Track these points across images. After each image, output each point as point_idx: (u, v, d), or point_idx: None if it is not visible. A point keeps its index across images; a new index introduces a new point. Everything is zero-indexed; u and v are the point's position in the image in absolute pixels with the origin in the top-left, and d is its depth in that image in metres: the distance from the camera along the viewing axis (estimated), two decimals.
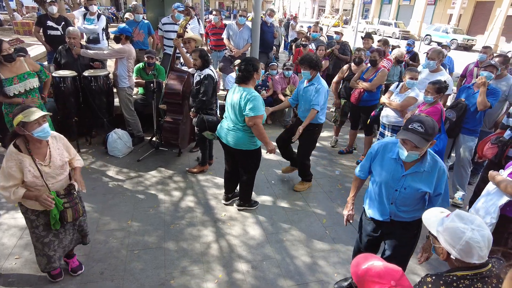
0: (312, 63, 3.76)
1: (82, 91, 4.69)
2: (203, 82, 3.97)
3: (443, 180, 2.09)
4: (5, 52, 3.44)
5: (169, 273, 2.85)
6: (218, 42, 6.93)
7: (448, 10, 28.01)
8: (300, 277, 2.91)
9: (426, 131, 1.90)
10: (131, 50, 4.79)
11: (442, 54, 4.44)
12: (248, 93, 3.18)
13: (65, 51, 4.72)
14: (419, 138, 1.90)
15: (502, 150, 3.22)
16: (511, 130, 3.24)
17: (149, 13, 8.14)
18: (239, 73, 3.30)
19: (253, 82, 3.29)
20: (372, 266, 1.22)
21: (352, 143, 5.38)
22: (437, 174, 2.07)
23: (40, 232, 2.49)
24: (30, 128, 2.24)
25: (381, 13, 35.95)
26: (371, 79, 4.65)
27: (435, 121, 1.99)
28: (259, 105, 3.17)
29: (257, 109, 3.15)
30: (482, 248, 1.29)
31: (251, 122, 3.20)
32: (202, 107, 4.07)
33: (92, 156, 4.73)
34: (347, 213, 2.57)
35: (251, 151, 3.43)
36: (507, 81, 4.12)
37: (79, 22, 6.06)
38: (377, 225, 2.41)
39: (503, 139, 3.26)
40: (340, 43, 6.78)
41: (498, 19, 20.77)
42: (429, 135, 1.91)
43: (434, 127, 1.94)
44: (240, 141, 3.35)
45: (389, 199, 2.23)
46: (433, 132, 1.92)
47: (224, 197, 3.89)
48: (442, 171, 2.08)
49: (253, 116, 3.16)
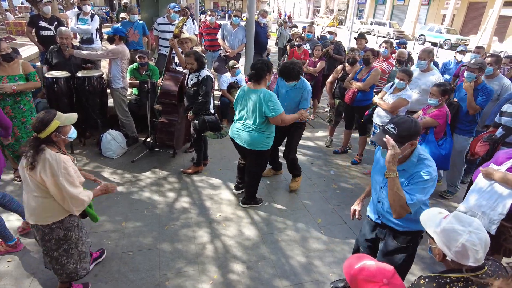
0: (292, 74, 3.65)
1: (76, 92, 4.66)
2: (202, 83, 3.96)
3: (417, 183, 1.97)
4: (4, 51, 3.41)
5: (164, 275, 2.84)
6: (213, 42, 6.92)
7: (442, 10, 28.23)
8: (295, 277, 2.91)
9: (398, 133, 1.89)
10: (125, 51, 4.77)
11: (432, 54, 4.48)
12: (265, 95, 3.32)
13: (56, 51, 4.67)
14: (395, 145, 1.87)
15: (493, 148, 3.26)
16: (503, 128, 3.28)
17: (143, 13, 8.11)
18: (252, 72, 3.40)
19: (264, 82, 3.43)
20: (365, 266, 1.23)
21: (347, 143, 5.40)
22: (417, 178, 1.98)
23: (85, 237, 2.49)
24: (65, 131, 2.24)
25: (376, 13, 36.15)
26: (365, 79, 4.67)
27: (415, 124, 1.93)
28: (278, 103, 3.38)
29: (277, 108, 3.35)
30: (479, 251, 1.28)
31: (278, 121, 3.42)
32: (203, 109, 4.06)
33: (86, 157, 4.70)
34: (353, 208, 2.57)
35: (262, 151, 3.57)
36: (499, 80, 4.16)
37: (72, 22, 6.02)
38: (373, 226, 2.41)
39: (495, 137, 3.30)
40: (334, 43, 6.80)
41: (491, 20, 20.97)
42: (402, 137, 1.89)
43: (409, 129, 1.90)
44: (254, 141, 3.48)
45: (377, 197, 2.25)
46: (407, 135, 1.89)
47: (236, 186, 4.10)
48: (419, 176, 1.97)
49: (277, 116, 3.36)
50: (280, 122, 3.44)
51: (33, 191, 2.18)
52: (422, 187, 1.93)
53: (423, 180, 1.93)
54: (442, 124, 3.68)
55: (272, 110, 3.32)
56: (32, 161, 2.08)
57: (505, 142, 3.25)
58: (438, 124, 3.67)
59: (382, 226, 2.30)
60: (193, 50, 4.23)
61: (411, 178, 1.99)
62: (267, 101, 3.30)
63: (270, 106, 3.31)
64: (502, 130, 3.29)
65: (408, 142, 1.92)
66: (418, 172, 1.96)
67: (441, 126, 3.70)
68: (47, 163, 2.09)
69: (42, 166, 2.09)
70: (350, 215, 2.61)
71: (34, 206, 2.20)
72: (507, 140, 3.24)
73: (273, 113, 3.33)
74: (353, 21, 15.26)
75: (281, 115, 3.37)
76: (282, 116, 3.39)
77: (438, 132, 3.75)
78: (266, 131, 3.48)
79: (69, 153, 4.62)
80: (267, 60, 3.57)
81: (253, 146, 3.49)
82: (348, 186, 4.46)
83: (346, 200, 4.11)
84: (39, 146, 2.12)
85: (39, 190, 2.17)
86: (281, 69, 3.75)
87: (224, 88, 6.04)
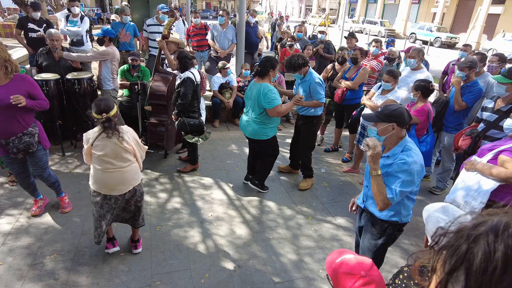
0: (295, 65, 3.85)
1: (66, 94, 4.64)
2: (182, 84, 3.98)
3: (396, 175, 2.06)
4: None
5: (155, 275, 2.86)
6: (200, 42, 6.93)
7: (432, 8, 28.51)
8: (286, 275, 2.95)
9: (381, 111, 2.12)
10: (115, 52, 4.76)
11: (422, 53, 4.55)
12: (264, 88, 3.59)
13: (45, 54, 4.65)
14: (374, 116, 2.17)
15: (475, 141, 3.34)
16: (484, 122, 3.37)
17: (134, 15, 8.09)
18: (258, 68, 3.69)
19: (269, 78, 3.70)
20: (344, 259, 1.27)
21: (337, 141, 5.46)
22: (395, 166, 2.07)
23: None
24: (117, 115, 2.70)
25: (367, 12, 36.36)
26: (353, 78, 4.73)
27: (399, 109, 2.09)
28: (275, 96, 3.60)
29: (273, 100, 3.58)
30: None
31: (273, 113, 3.65)
32: (182, 110, 4.09)
33: (77, 159, 4.69)
34: (353, 200, 2.62)
35: (264, 140, 3.86)
36: (484, 78, 4.25)
37: (61, 24, 6.00)
38: (360, 213, 2.52)
39: (476, 131, 3.39)
40: (324, 42, 6.85)
41: (479, 17, 21.25)
42: (384, 115, 2.10)
43: (391, 110, 2.08)
44: (254, 132, 3.81)
45: (366, 182, 2.36)
46: (388, 114, 2.08)
47: (246, 176, 4.35)
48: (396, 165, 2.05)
49: (272, 108, 3.60)
50: (276, 113, 3.66)
51: (125, 161, 2.66)
52: (398, 177, 2.04)
53: (401, 170, 2.03)
54: (423, 121, 3.75)
55: (268, 102, 3.58)
56: (120, 134, 2.57)
57: (486, 135, 3.34)
58: (420, 121, 3.74)
59: (366, 211, 2.40)
60: (180, 50, 4.24)
61: (391, 166, 2.09)
62: (264, 93, 3.57)
63: (267, 98, 3.57)
64: (483, 124, 3.38)
65: (389, 123, 2.07)
66: (398, 161, 2.06)
67: (422, 123, 3.77)
68: (129, 133, 2.68)
69: (127, 136, 2.63)
70: (340, 212, 2.67)
71: (127, 174, 2.69)
72: (488, 133, 3.33)
73: (268, 105, 3.58)
74: (344, 20, 15.35)
75: (276, 107, 3.60)
76: (277, 108, 3.61)
77: (420, 129, 3.82)
78: (264, 122, 3.74)
79: (60, 155, 4.63)
80: (273, 57, 3.79)
81: (254, 136, 3.84)
82: (338, 184, 4.51)
83: (337, 198, 4.16)
84: (113, 122, 2.56)
85: (130, 156, 2.69)
86: (286, 63, 3.96)
87: (215, 89, 6.06)
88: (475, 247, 0.56)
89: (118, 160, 2.62)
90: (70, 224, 3.39)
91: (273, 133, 3.89)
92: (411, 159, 2.01)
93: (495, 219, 0.59)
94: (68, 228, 3.34)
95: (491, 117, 3.34)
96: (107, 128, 2.52)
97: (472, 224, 0.60)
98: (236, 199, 4.03)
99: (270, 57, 3.76)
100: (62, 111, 4.68)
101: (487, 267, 0.54)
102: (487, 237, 0.56)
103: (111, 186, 2.67)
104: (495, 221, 0.58)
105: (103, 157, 2.58)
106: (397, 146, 2.11)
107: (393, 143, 2.12)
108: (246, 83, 6.37)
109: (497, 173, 2.47)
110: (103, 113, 2.52)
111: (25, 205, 3.63)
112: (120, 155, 2.61)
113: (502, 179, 2.45)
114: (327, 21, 14.60)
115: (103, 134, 2.53)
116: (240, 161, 4.95)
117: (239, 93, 6.26)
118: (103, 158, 2.58)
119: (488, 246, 0.55)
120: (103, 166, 2.61)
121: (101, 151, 2.56)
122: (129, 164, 2.68)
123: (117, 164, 2.62)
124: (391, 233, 2.30)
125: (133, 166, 2.73)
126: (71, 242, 3.15)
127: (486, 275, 0.53)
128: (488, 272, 0.53)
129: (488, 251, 0.54)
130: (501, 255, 0.53)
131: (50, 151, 4.77)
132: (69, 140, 5.05)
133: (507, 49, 17.94)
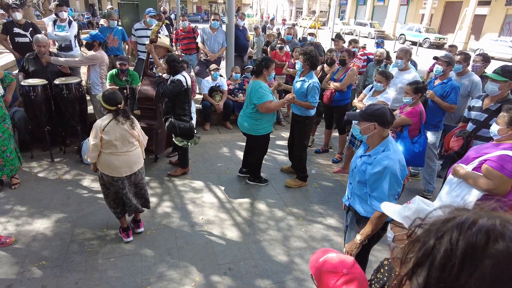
0: (307, 57, 3.92)
1: (54, 100, 4.61)
2: (170, 84, 3.98)
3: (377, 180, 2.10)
4: None
5: (146, 279, 2.84)
6: (188, 45, 6.93)
7: (420, 10, 28.91)
8: (276, 276, 2.96)
9: (364, 111, 2.18)
10: (104, 57, 4.74)
11: (409, 53, 4.61)
12: (256, 85, 3.79)
13: (32, 59, 4.61)
14: (357, 115, 2.22)
15: (467, 141, 3.38)
16: (473, 122, 3.42)
17: (123, 19, 8.06)
18: (253, 67, 3.96)
19: (263, 76, 3.86)
20: (327, 258, 1.28)
21: (328, 142, 5.50)
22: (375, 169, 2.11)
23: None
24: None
25: (357, 14, 36.72)
26: (342, 79, 4.77)
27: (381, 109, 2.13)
28: (264, 92, 3.74)
29: (262, 97, 3.73)
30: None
31: (262, 109, 3.78)
32: (169, 112, 4.10)
33: (66, 165, 4.65)
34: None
35: (256, 136, 4.03)
36: (469, 77, 4.31)
37: (49, 29, 5.94)
38: (346, 211, 2.56)
39: (467, 131, 3.43)
40: (313, 44, 6.90)
41: (466, 19, 21.62)
42: (366, 114, 2.15)
43: (373, 110, 2.13)
44: (247, 127, 4.00)
45: (349, 179, 2.42)
46: (370, 113, 2.13)
47: (240, 169, 4.59)
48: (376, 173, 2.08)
49: (261, 104, 3.75)
50: (265, 109, 3.80)
51: (133, 146, 3.07)
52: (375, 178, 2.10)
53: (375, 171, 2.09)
54: (416, 122, 3.79)
55: (257, 98, 3.75)
56: (132, 122, 3.04)
57: (477, 135, 3.38)
58: (412, 122, 3.78)
59: (351, 209, 2.44)
60: (169, 54, 4.24)
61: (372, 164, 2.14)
62: (255, 90, 3.77)
63: (257, 94, 3.74)
64: (472, 124, 3.42)
65: (371, 122, 2.11)
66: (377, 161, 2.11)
67: (415, 124, 3.81)
68: (135, 121, 3.12)
69: (135, 124, 3.10)
70: (330, 213, 2.70)
71: (134, 157, 3.10)
72: (479, 133, 3.37)
73: (258, 100, 3.75)
74: (334, 22, 15.50)
75: (265, 103, 3.75)
76: (265, 104, 3.76)
77: (413, 130, 3.86)
78: (255, 118, 3.91)
79: (48, 161, 4.59)
80: (268, 57, 3.99)
81: (247, 130, 4.04)
82: (329, 185, 4.54)
83: (327, 198, 4.19)
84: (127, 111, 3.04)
85: (135, 141, 3.10)
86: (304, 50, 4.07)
87: (205, 92, 6.07)
88: (439, 244, 0.56)
89: (125, 144, 3.01)
90: (59, 231, 3.36)
91: (265, 131, 4.02)
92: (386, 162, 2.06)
93: (464, 215, 0.58)
94: (57, 235, 3.31)
95: (481, 116, 3.39)
96: (121, 116, 2.95)
97: (444, 218, 0.60)
98: (227, 202, 4.03)
99: (265, 57, 3.97)
100: (50, 117, 4.64)
101: (446, 264, 0.53)
102: (451, 233, 0.55)
103: (117, 168, 3.00)
104: (463, 217, 0.57)
105: (113, 141, 2.94)
106: (379, 145, 2.15)
107: (376, 143, 2.16)
108: (237, 86, 6.39)
109: (480, 184, 2.42)
110: (118, 105, 2.95)
111: (12, 213, 3.59)
112: (127, 139, 3.01)
113: (484, 190, 2.41)
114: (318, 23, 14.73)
115: (113, 121, 2.93)
116: (231, 163, 4.95)
117: (230, 96, 6.28)
118: (114, 143, 2.94)
119: (450, 244, 0.54)
120: (111, 149, 2.96)
121: (111, 136, 2.92)
122: (134, 149, 3.10)
123: (123, 148, 3.00)
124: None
125: (137, 151, 3.14)
126: (60, 249, 3.12)
127: (445, 273, 0.53)
128: (446, 270, 0.53)
129: (449, 249, 0.54)
130: (460, 253, 0.53)
131: (38, 157, 4.74)
132: (58, 146, 5.00)
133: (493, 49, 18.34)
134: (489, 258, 0.51)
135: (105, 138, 2.91)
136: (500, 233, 0.53)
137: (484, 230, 0.54)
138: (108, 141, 2.92)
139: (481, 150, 2.63)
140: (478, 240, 0.53)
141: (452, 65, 3.97)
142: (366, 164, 2.17)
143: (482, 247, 0.52)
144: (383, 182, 2.06)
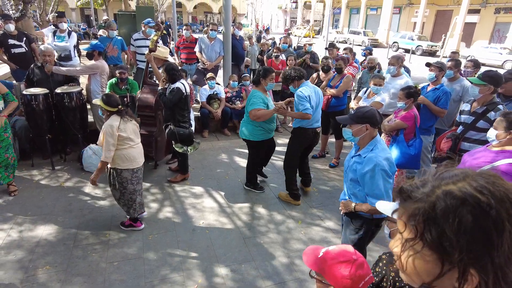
0: (287, 79, 3.93)
1: (55, 108, 4.68)
2: (170, 93, 4.05)
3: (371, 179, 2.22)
4: None
5: (149, 282, 2.89)
6: (189, 55, 7.06)
7: (412, 18, 29.47)
8: (277, 277, 3.02)
9: (354, 113, 2.29)
10: (104, 66, 4.84)
11: (401, 60, 4.76)
12: (251, 93, 4.02)
13: (37, 69, 4.71)
14: (348, 119, 2.33)
15: (455, 143, 3.51)
16: (463, 125, 3.55)
17: (121, 29, 8.20)
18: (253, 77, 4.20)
19: (261, 86, 4.02)
20: (328, 251, 1.31)
21: (324, 147, 5.60)
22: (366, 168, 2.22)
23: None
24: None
25: (351, 23, 37.33)
26: (338, 86, 4.90)
27: (371, 111, 2.24)
28: (255, 101, 3.91)
29: (252, 104, 3.91)
30: None
31: (251, 116, 3.93)
32: (168, 119, 4.20)
33: (67, 173, 4.69)
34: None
35: (251, 141, 4.16)
36: (460, 82, 4.46)
37: (49, 39, 6.05)
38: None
39: (456, 133, 3.57)
40: (310, 53, 7.05)
41: (457, 26, 22.08)
42: (357, 117, 2.26)
43: (363, 112, 2.24)
44: (245, 132, 4.14)
45: (345, 178, 2.52)
46: (361, 115, 2.24)
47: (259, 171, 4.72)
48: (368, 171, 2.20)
49: (250, 110, 3.91)
50: (252, 116, 3.93)
51: (139, 138, 3.43)
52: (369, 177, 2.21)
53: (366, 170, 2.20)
54: (411, 126, 3.91)
55: (249, 105, 3.95)
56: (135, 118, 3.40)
57: (465, 137, 3.51)
58: (407, 126, 3.90)
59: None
60: (167, 62, 4.34)
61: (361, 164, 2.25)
62: (249, 98, 3.98)
63: (249, 101, 3.95)
64: (462, 127, 3.56)
65: (362, 123, 2.22)
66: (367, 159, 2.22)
67: (410, 127, 3.93)
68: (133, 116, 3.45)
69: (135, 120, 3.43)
70: (329, 216, 2.78)
71: (142, 148, 3.48)
72: (466, 135, 3.50)
73: (249, 107, 3.93)
74: (328, 30, 15.78)
75: (253, 110, 3.90)
76: (253, 111, 3.91)
77: (408, 133, 3.97)
78: (253, 123, 4.04)
79: (49, 169, 4.64)
80: (266, 68, 4.15)
81: (244, 135, 4.18)
82: (326, 189, 4.62)
83: (325, 201, 4.27)
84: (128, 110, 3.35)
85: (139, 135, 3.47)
86: (282, 78, 4.07)
87: (203, 100, 6.17)
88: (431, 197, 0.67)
89: (137, 136, 3.38)
90: (62, 237, 3.40)
91: (257, 138, 4.10)
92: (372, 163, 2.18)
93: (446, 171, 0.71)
94: (60, 240, 3.35)
95: (468, 119, 3.52)
96: (125, 114, 3.23)
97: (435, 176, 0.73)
98: (227, 206, 4.10)
99: (264, 68, 4.14)
100: (51, 125, 4.70)
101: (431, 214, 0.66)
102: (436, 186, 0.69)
103: (136, 159, 3.33)
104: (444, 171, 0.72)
105: (129, 136, 3.24)
106: (368, 145, 2.28)
107: (366, 142, 2.29)
108: (235, 94, 6.50)
109: None
110: (118, 106, 3.19)
111: (15, 219, 3.63)
112: (137, 132, 3.39)
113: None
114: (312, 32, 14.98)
115: (122, 120, 3.19)
116: (230, 169, 5.03)
117: (228, 103, 6.38)
118: (130, 137, 3.26)
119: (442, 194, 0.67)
120: (129, 144, 3.26)
121: (127, 132, 3.23)
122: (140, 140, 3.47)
123: (136, 140, 3.36)
124: (367, 229, 2.41)
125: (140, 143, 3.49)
126: (64, 254, 3.16)
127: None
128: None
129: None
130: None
131: (39, 165, 4.79)
132: (59, 154, 5.05)
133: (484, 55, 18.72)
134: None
135: (123, 135, 3.20)
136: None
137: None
138: (126, 137, 3.22)
139: (475, 154, 2.71)
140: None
141: (444, 70, 4.12)
142: (357, 163, 2.29)
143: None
144: (376, 179, 2.18)
